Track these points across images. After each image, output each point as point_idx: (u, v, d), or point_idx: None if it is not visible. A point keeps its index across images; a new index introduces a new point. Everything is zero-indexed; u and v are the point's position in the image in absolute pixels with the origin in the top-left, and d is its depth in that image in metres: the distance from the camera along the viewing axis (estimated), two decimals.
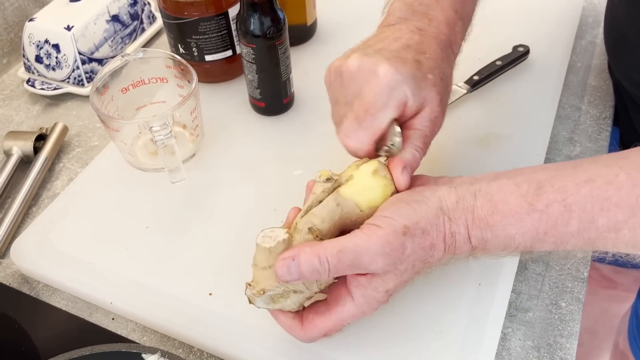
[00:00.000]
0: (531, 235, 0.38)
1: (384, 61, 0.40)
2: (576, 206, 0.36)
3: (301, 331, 0.42)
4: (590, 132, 0.65)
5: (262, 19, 0.58)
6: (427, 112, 0.43)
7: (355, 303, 0.41)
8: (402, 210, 0.39)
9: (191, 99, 0.56)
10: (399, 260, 0.38)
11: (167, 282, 0.52)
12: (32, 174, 0.63)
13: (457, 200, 0.39)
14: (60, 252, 0.55)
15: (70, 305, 0.53)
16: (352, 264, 0.38)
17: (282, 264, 0.38)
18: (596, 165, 0.38)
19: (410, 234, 0.38)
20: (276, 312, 0.43)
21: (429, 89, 0.42)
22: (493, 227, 0.38)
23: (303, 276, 0.38)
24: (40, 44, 0.72)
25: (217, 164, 0.62)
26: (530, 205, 0.37)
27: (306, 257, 0.38)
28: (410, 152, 0.43)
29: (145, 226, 0.56)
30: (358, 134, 0.41)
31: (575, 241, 0.37)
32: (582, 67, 0.73)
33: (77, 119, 0.72)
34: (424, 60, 0.42)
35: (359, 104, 0.41)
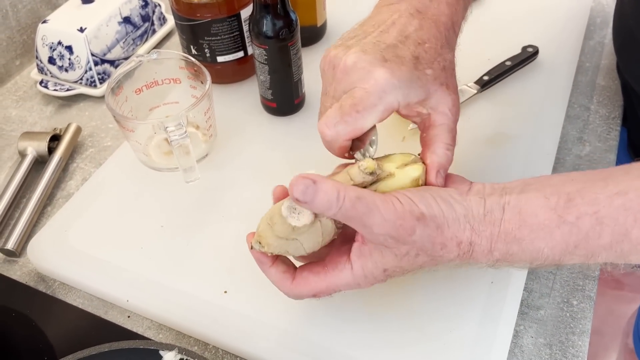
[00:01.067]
0: (561, 248, 0.37)
1: (381, 64, 0.40)
2: (608, 219, 0.36)
3: (291, 285, 0.42)
4: (600, 132, 0.66)
5: (274, 21, 0.59)
6: (443, 105, 0.42)
7: (353, 272, 0.40)
8: (425, 200, 0.38)
9: (205, 100, 0.57)
10: (403, 241, 0.38)
11: (182, 280, 0.52)
12: (47, 174, 0.63)
13: (484, 212, 0.38)
14: (76, 251, 0.55)
15: (86, 303, 0.54)
16: (362, 216, 0.37)
17: (301, 181, 0.36)
18: (627, 177, 0.37)
19: (423, 222, 0.38)
20: (267, 265, 0.42)
21: (428, 84, 0.41)
22: (521, 240, 0.38)
23: (314, 203, 0.37)
24: (54, 45, 0.73)
25: (230, 163, 0.63)
26: (560, 217, 0.37)
27: (327, 187, 0.36)
28: (442, 153, 0.42)
29: (160, 225, 0.57)
30: (338, 126, 0.40)
31: (607, 254, 0.37)
32: (590, 67, 0.73)
33: (90, 120, 0.72)
34: (423, 54, 0.41)
35: (347, 97, 0.40)
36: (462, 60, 0.71)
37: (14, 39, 0.78)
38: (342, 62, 0.41)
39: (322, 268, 0.42)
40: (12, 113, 0.74)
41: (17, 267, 0.57)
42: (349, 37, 0.44)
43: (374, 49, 0.41)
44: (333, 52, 0.42)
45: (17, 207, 0.62)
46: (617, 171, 0.38)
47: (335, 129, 0.40)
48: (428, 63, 0.41)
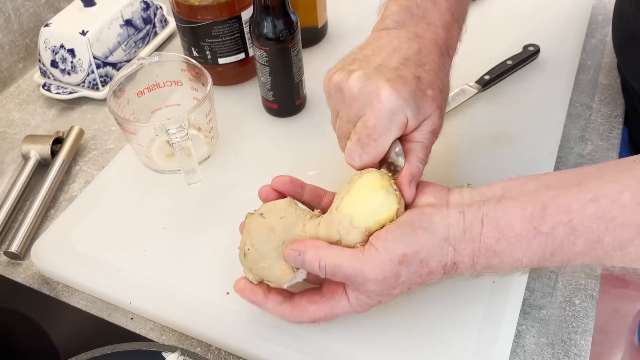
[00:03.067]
0: (538, 257, 0.38)
1: (386, 84, 0.41)
2: (582, 227, 0.37)
3: (290, 314, 0.44)
4: (602, 131, 0.66)
5: (275, 22, 0.59)
6: (428, 126, 0.44)
7: (351, 304, 0.43)
8: (404, 237, 0.40)
9: (206, 102, 0.57)
10: (392, 287, 0.40)
11: (184, 282, 0.52)
12: (50, 177, 0.64)
13: (464, 229, 0.39)
14: (79, 253, 0.56)
15: (89, 305, 0.54)
16: (345, 279, 0.41)
17: (289, 252, 0.42)
18: (600, 181, 0.37)
19: (407, 263, 0.39)
20: (261, 299, 0.45)
21: (429, 105, 0.43)
22: (500, 253, 0.39)
23: (305, 268, 0.42)
24: (56, 48, 0.73)
25: (232, 165, 0.63)
26: (535, 228, 0.38)
27: (309, 258, 0.41)
28: (415, 165, 0.44)
29: (162, 227, 0.57)
30: (362, 157, 0.43)
31: (582, 259, 0.38)
32: (592, 66, 0.73)
33: (93, 123, 0.73)
34: (424, 75, 0.43)
35: (362, 128, 0.42)
36: (463, 59, 0.71)
37: (16, 43, 0.78)
38: (347, 87, 0.43)
39: (320, 297, 0.44)
40: (15, 116, 0.75)
41: (21, 270, 0.58)
42: (350, 60, 0.45)
43: (376, 72, 0.42)
44: (336, 76, 0.44)
45: (21, 210, 0.63)
46: (591, 174, 0.39)
47: (361, 160, 0.44)
48: (429, 84, 0.43)
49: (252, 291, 0.45)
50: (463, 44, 0.74)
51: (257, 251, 0.43)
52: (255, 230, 0.44)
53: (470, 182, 0.58)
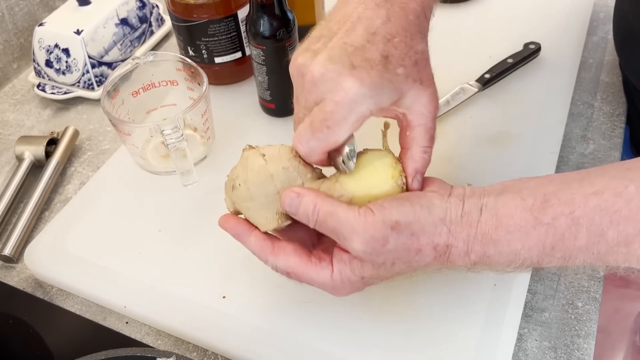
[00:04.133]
0: (537, 250, 0.37)
1: (349, 72, 0.38)
2: (584, 219, 0.35)
3: (271, 252, 0.42)
4: (604, 130, 0.65)
5: (271, 21, 0.58)
6: (418, 103, 0.40)
7: (333, 276, 0.41)
8: (401, 208, 0.38)
9: (202, 102, 0.56)
10: (377, 252, 0.38)
11: (180, 285, 0.52)
12: (44, 179, 0.63)
13: (462, 214, 0.38)
14: (74, 257, 0.55)
15: (84, 309, 0.53)
16: (334, 229, 0.39)
17: (288, 193, 0.40)
18: (604, 177, 0.37)
19: (397, 231, 0.38)
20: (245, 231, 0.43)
21: (401, 84, 0.40)
22: (497, 241, 0.37)
23: (298, 214, 0.40)
24: (50, 48, 0.72)
25: (229, 166, 0.61)
26: (536, 219, 0.36)
27: (306, 201, 0.40)
28: (419, 157, 0.42)
29: (157, 229, 0.56)
30: (310, 142, 0.39)
31: (584, 256, 0.36)
32: (594, 64, 0.72)
33: (88, 123, 0.72)
34: (392, 51, 0.39)
35: (318, 112, 0.39)
36: (464, 58, 0.71)
37: (10, 42, 0.77)
38: (309, 71, 0.39)
39: (306, 254, 0.42)
40: (9, 117, 0.74)
41: (15, 273, 0.57)
42: (316, 37, 0.42)
43: (341, 55, 0.39)
44: (300, 59, 0.41)
45: (15, 212, 0.62)
46: (594, 172, 0.38)
47: (307, 145, 0.40)
48: (399, 60, 0.40)
49: (236, 224, 0.43)
50: (463, 42, 0.73)
51: (247, 190, 0.42)
52: (253, 170, 0.42)
53: (470, 183, 0.57)
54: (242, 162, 0.43)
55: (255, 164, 0.42)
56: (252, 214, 0.43)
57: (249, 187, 0.42)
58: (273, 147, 0.43)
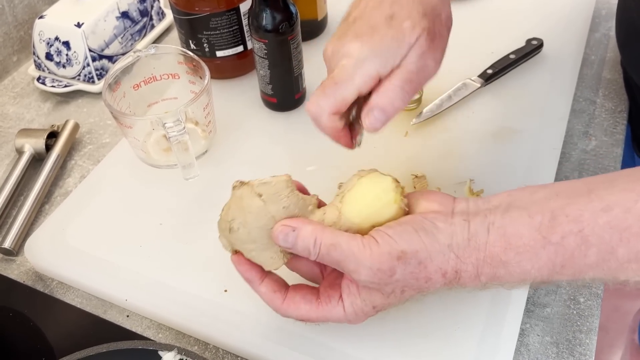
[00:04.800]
0: (548, 268, 0.36)
1: (354, 39, 0.41)
2: (594, 237, 0.35)
3: (281, 305, 0.42)
4: (606, 126, 0.65)
5: (274, 14, 0.58)
6: (414, 51, 0.40)
7: (345, 311, 0.41)
8: (405, 235, 0.38)
9: (204, 95, 0.56)
10: (384, 282, 0.38)
11: (182, 279, 0.51)
12: (45, 172, 0.63)
13: (469, 237, 0.38)
14: (74, 249, 0.55)
15: (84, 302, 0.53)
16: (338, 262, 0.39)
17: (282, 229, 0.39)
18: (613, 190, 0.36)
19: (404, 261, 0.37)
20: (257, 279, 0.42)
21: (406, 35, 0.40)
22: (507, 263, 0.37)
23: (296, 248, 0.39)
24: (51, 41, 0.72)
25: (230, 160, 0.62)
26: (544, 238, 0.36)
27: (305, 234, 0.39)
28: (383, 92, 0.40)
29: (159, 223, 0.56)
30: (320, 100, 0.41)
31: (594, 273, 0.36)
32: (596, 60, 0.72)
33: (88, 116, 0.71)
34: (398, 10, 0.41)
35: (328, 78, 0.42)
36: (466, 53, 0.70)
37: (10, 35, 0.77)
38: (325, 53, 0.43)
39: (315, 298, 0.42)
40: (9, 110, 0.73)
41: (15, 266, 0.56)
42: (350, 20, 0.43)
43: (346, 30, 0.42)
44: (329, 50, 0.43)
45: (15, 205, 0.61)
46: (603, 183, 0.37)
47: (317, 102, 0.41)
48: (405, 16, 0.41)
49: (249, 269, 0.42)
50: (465, 37, 0.73)
51: (248, 233, 0.41)
52: (252, 213, 0.41)
53: (473, 178, 0.57)
54: (237, 202, 0.41)
55: (253, 205, 0.40)
56: (256, 254, 0.42)
57: (250, 230, 0.41)
58: (268, 184, 0.41)
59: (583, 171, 0.60)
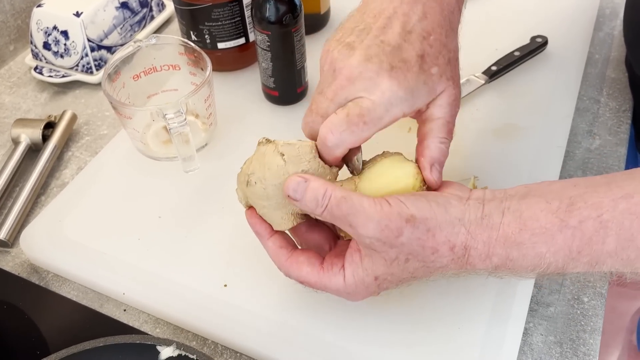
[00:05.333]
0: (564, 253, 0.36)
1: (387, 74, 0.38)
2: (613, 223, 0.34)
3: (285, 262, 0.42)
4: (610, 125, 0.64)
5: (278, 5, 0.57)
6: (445, 99, 0.41)
7: (345, 280, 0.40)
8: (417, 202, 0.37)
9: (205, 87, 0.55)
10: (390, 243, 0.37)
11: (181, 273, 0.50)
12: (41, 162, 0.61)
13: (482, 216, 0.37)
14: (71, 242, 0.54)
15: (80, 295, 0.52)
16: (346, 216, 0.37)
17: (294, 179, 0.39)
18: (633, 180, 0.35)
19: (412, 224, 0.37)
20: (266, 234, 0.42)
21: (435, 84, 0.40)
22: (521, 244, 0.36)
23: (304, 200, 0.39)
24: (49, 30, 0.71)
25: (231, 153, 0.61)
26: (562, 221, 0.35)
27: (315, 185, 0.38)
28: (436, 147, 0.41)
29: (157, 216, 0.55)
30: (343, 134, 0.39)
31: (613, 261, 0.35)
32: (600, 59, 0.72)
33: (86, 107, 0.70)
34: (428, 50, 0.40)
35: (354, 106, 0.39)
36: (470, 50, 0.69)
37: (7, 24, 0.76)
38: (346, 68, 0.39)
39: (319, 262, 0.41)
40: (5, 99, 0.72)
41: (10, 258, 0.55)
42: (350, 29, 0.41)
43: (379, 54, 0.39)
44: (335, 53, 0.40)
45: (10, 196, 0.60)
46: (621, 176, 0.37)
47: (340, 136, 0.39)
48: (434, 60, 0.40)
49: (259, 222, 0.42)
50: (470, 34, 0.72)
51: (264, 190, 0.40)
52: (271, 170, 0.40)
53: (477, 175, 0.56)
54: (259, 158, 0.41)
55: (273, 163, 0.40)
56: (267, 212, 0.42)
57: (266, 186, 0.40)
58: (292, 146, 0.40)
59: (587, 170, 0.60)
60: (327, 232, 0.44)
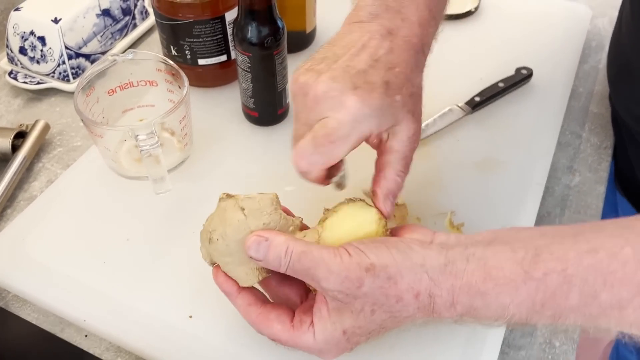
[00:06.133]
0: (527, 306, 0.35)
1: (352, 92, 0.39)
2: (577, 278, 0.34)
3: (255, 319, 0.41)
4: (591, 162, 0.64)
5: (260, 28, 0.55)
6: (404, 132, 0.41)
7: (315, 338, 0.39)
8: (377, 250, 0.37)
9: (181, 107, 0.54)
10: (353, 294, 0.36)
11: (145, 301, 0.49)
12: (9, 174, 0.59)
13: (445, 263, 0.37)
14: (33, 261, 0.52)
15: (41, 318, 0.50)
16: (308, 269, 0.37)
17: (255, 239, 0.39)
18: (600, 234, 0.35)
19: (373, 273, 0.36)
20: (234, 292, 0.42)
21: (397, 111, 0.40)
22: (485, 294, 0.36)
23: (266, 259, 0.38)
24: (25, 35, 0.68)
25: (206, 175, 0.59)
26: (526, 273, 0.35)
27: (277, 243, 0.38)
28: (392, 178, 0.41)
29: (125, 238, 0.53)
30: (312, 157, 0.39)
31: (575, 316, 0.35)
32: (583, 93, 0.71)
33: (60, 117, 0.68)
34: (393, 79, 0.40)
35: (320, 128, 0.39)
36: (453, 79, 0.69)
37: None
38: (312, 89, 0.40)
39: (289, 320, 0.40)
40: None
41: None
42: (319, 59, 0.42)
43: (343, 76, 0.39)
44: (302, 77, 0.41)
45: None
46: (590, 228, 0.37)
47: (309, 160, 0.40)
48: (397, 89, 0.40)
49: (226, 281, 0.42)
50: (454, 62, 0.72)
51: (226, 246, 0.40)
52: (232, 225, 0.40)
53: (454, 210, 0.56)
54: (220, 214, 0.41)
55: (234, 218, 0.40)
56: (231, 268, 0.41)
57: (228, 243, 0.40)
58: (252, 200, 0.40)
59: (565, 207, 0.59)
60: (298, 285, 0.43)
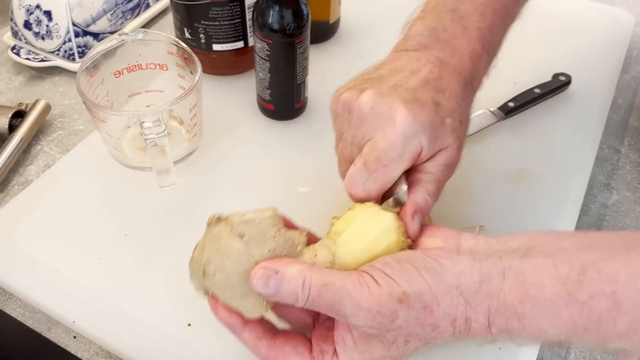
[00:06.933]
0: (568, 329, 0.31)
1: (402, 106, 0.36)
2: (628, 302, 0.30)
3: (268, 353, 0.36)
4: (630, 180, 0.59)
5: (282, 12, 0.51)
6: (444, 157, 0.39)
7: None
8: (406, 275, 0.32)
9: (192, 94, 0.49)
10: (385, 328, 0.32)
11: (141, 304, 0.45)
12: (4, 155, 0.56)
13: (480, 280, 0.32)
14: (22, 253, 0.48)
15: (27, 315, 0.46)
16: (332, 305, 0.33)
17: (262, 273, 0.33)
18: None
19: (407, 304, 0.32)
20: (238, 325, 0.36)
21: (447, 135, 0.38)
22: (522, 316, 0.32)
23: (279, 295, 0.33)
24: (31, 8, 0.64)
25: (214, 169, 0.55)
26: (569, 294, 0.31)
27: (290, 276, 0.33)
28: (422, 197, 0.38)
29: (124, 233, 0.49)
30: (367, 184, 0.37)
31: (622, 342, 0.31)
32: (623, 105, 0.67)
33: (63, 97, 0.64)
34: (443, 102, 0.38)
35: (370, 151, 0.37)
36: (487, 81, 0.64)
37: None
38: (358, 106, 0.37)
39: (307, 350, 0.36)
40: None
41: None
42: (362, 79, 0.40)
43: (391, 92, 0.37)
44: (346, 95, 0.38)
45: None
46: None
47: (364, 188, 0.37)
48: (448, 112, 0.38)
49: (228, 314, 0.36)
50: None
51: (226, 280, 0.34)
52: (232, 256, 0.34)
53: (482, 225, 0.51)
54: (213, 242, 0.35)
55: (232, 248, 0.34)
56: (235, 302, 0.36)
57: (228, 276, 0.34)
58: (251, 223, 0.34)
59: (601, 228, 0.55)
60: None
